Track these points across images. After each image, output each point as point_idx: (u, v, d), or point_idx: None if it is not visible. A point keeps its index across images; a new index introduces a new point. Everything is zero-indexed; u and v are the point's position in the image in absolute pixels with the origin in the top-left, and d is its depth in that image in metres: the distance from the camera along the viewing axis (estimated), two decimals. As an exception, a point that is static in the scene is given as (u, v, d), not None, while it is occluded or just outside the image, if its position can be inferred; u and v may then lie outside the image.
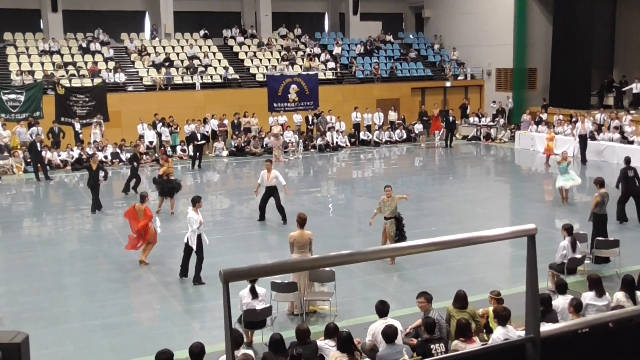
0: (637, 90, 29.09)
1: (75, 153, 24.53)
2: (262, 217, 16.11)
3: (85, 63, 29.35)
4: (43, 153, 22.96)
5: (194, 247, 11.67)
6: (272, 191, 15.77)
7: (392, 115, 30.46)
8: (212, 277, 11.53)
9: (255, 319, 9.13)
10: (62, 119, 25.34)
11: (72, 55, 29.70)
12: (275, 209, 15.79)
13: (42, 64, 28.51)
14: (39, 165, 22.23)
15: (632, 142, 23.88)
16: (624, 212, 15.16)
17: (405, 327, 8.50)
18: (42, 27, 31.33)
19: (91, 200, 17.48)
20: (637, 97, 29.07)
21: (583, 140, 23.91)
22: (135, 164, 19.48)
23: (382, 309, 8.14)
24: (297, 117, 28.89)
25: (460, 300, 8.37)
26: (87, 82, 27.50)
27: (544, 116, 28.98)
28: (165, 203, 17.23)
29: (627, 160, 15.67)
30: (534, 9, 32.13)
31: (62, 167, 24.02)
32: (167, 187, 17.05)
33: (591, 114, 26.26)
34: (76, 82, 27.40)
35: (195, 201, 11.89)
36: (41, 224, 17.34)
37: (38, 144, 22.51)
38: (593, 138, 24.45)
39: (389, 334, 7.36)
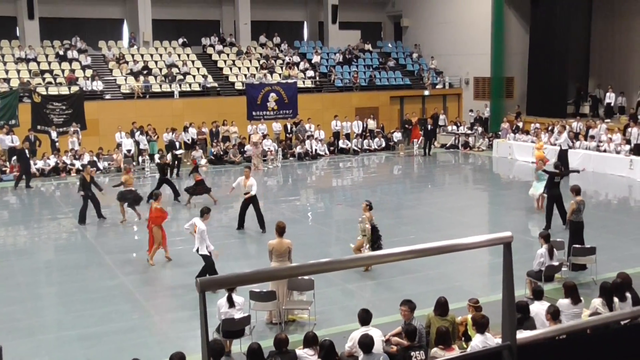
0: (609, 100, 29.61)
1: (52, 161, 24.28)
2: (240, 226, 16.08)
3: (63, 71, 29.08)
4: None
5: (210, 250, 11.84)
6: (251, 200, 15.74)
7: (371, 124, 30.57)
8: (190, 286, 11.45)
9: (233, 328, 9.08)
10: (39, 127, 25.06)
11: (49, 63, 29.42)
12: (255, 218, 15.76)
13: (18, 71, 28.19)
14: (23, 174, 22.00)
15: (604, 150, 24.13)
16: (550, 220, 15.20)
17: (385, 336, 8.49)
18: (18, 34, 31.01)
19: (80, 210, 17.18)
20: (610, 106, 29.56)
21: (565, 151, 23.29)
22: (161, 175, 19.45)
23: (365, 318, 8.12)
24: (276, 126, 28.86)
25: (441, 307, 8.39)
26: (64, 90, 27.22)
27: (520, 124, 29.27)
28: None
29: (556, 166, 15.93)
30: (511, 19, 32.51)
31: (38, 175, 23.72)
32: (128, 198, 17.03)
33: (567, 123, 26.55)
34: (53, 90, 27.12)
35: (204, 212, 12.10)
36: (16, 233, 17.10)
37: (26, 151, 22.32)
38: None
39: (367, 343, 7.33)
